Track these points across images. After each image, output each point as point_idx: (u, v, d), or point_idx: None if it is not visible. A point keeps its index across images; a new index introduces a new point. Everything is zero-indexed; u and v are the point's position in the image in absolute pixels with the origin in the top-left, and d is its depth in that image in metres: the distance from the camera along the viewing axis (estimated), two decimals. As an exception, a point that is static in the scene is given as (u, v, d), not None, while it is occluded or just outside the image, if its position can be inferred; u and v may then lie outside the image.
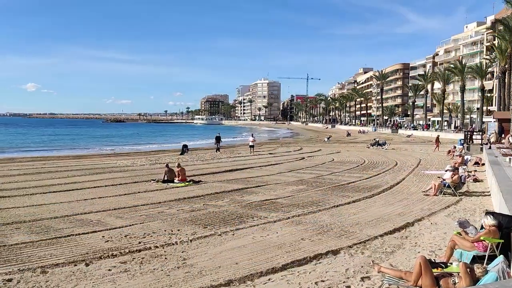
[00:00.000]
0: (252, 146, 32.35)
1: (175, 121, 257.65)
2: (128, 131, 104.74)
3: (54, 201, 12.36)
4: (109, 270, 6.45)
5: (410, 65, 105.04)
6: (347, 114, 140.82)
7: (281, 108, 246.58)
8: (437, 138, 35.22)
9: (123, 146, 50.25)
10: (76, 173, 19.55)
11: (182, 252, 7.35)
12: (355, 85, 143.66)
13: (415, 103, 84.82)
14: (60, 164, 24.15)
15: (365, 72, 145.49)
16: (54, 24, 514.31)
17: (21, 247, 7.61)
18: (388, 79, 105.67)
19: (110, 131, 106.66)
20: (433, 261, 6.00)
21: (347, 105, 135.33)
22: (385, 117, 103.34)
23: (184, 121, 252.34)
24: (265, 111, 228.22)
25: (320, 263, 6.79)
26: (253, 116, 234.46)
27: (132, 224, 9.35)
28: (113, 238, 8.20)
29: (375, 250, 7.45)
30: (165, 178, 15.99)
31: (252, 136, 34.59)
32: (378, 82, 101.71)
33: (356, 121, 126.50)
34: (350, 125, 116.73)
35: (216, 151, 32.88)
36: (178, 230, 8.84)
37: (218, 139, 33.83)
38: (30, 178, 17.75)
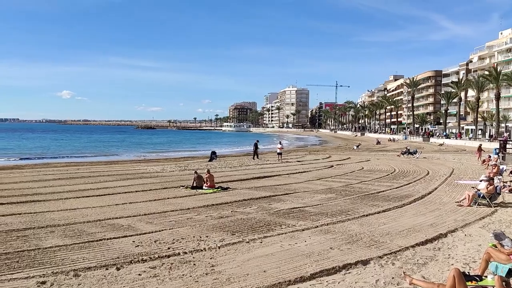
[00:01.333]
0: (280, 154, 32.27)
1: (204, 128, 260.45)
2: (159, 138, 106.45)
3: (87, 205, 12.67)
4: (139, 274, 6.54)
5: (443, 72, 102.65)
6: (376, 122, 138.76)
7: (309, 116, 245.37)
8: (479, 147, 33.62)
9: (153, 152, 51.09)
10: (108, 178, 19.99)
11: (211, 258, 7.39)
12: (385, 93, 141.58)
13: (448, 111, 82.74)
14: (93, 170, 24.77)
15: (395, 80, 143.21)
16: (88, 34, 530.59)
17: (55, 250, 7.82)
18: (419, 86, 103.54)
19: (142, 137, 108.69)
20: (467, 274, 5.82)
21: (377, 113, 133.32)
22: (416, 125, 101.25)
23: (212, 128, 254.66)
24: (293, 119, 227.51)
25: (349, 273, 6.69)
26: (281, 124, 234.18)
27: (162, 230, 9.47)
28: (143, 243, 8.32)
29: (406, 261, 7.28)
30: (194, 184, 16.15)
31: (280, 143, 34.54)
32: (409, 89, 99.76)
33: (386, 129, 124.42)
34: (379, 133, 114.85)
35: (254, 157, 32.91)
36: (207, 236, 8.90)
37: (256, 146, 33.82)
38: (64, 183, 18.27)
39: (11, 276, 6.37)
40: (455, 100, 79.16)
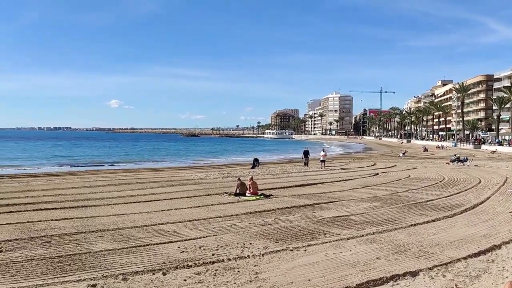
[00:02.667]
0: (323, 161, 31.93)
1: (246, 135, 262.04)
2: (203, 145, 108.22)
3: (134, 211, 13.04)
4: (185, 280, 6.63)
5: (494, 77, 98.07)
6: (423, 128, 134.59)
7: (353, 122, 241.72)
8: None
9: (197, 159, 51.99)
10: (154, 185, 20.51)
11: (254, 266, 7.38)
12: (433, 98, 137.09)
13: (500, 117, 78.96)
14: (140, 176, 25.50)
15: (443, 85, 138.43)
16: (136, 45, 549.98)
17: (104, 254, 8.08)
18: (469, 91, 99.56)
19: (186, 145, 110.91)
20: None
21: (424, 119, 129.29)
22: (466, 132, 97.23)
23: (254, 135, 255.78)
24: (336, 125, 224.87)
25: (397, 284, 6.48)
26: (323, 131, 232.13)
27: (206, 236, 9.58)
28: (188, 249, 8.44)
29: (458, 273, 6.97)
30: (237, 191, 16.26)
31: (323, 150, 34.20)
32: (458, 94, 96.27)
33: (434, 135, 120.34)
34: (427, 140, 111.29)
35: (304, 165, 32.80)
36: (250, 243, 8.91)
37: (306, 154, 33.61)
38: (113, 189, 18.91)
39: (64, 279, 6.63)
40: (508, 106, 75.50)
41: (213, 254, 8.07)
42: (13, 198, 15.80)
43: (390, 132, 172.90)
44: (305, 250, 8.38)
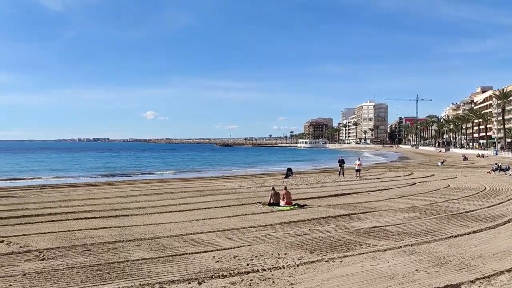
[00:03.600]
0: (358, 170, 31.43)
1: (279, 145, 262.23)
2: (236, 155, 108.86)
3: (170, 220, 13.23)
4: (220, 290, 6.64)
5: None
6: (463, 136, 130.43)
7: (388, 131, 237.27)
8: None
9: (231, 169, 52.33)
10: (188, 194, 20.76)
11: (289, 276, 7.32)
12: (472, 106, 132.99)
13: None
14: (175, 186, 25.90)
15: (483, 91, 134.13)
16: (170, 58, 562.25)
17: (141, 262, 8.22)
18: (510, 98, 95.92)
19: (220, 155, 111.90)
20: None
21: (463, 127, 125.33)
22: (508, 140, 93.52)
23: (288, 145, 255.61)
24: (371, 134, 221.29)
25: (437, 298, 6.26)
26: (358, 140, 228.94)
27: (240, 246, 9.58)
28: (223, 259, 8.47)
29: (501, 286, 6.66)
30: (271, 201, 16.22)
31: (358, 159, 33.65)
32: (499, 101, 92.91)
33: (474, 144, 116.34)
34: (466, 148, 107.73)
35: (339, 174, 32.46)
36: (285, 254, 8.85)
37: (341, 163, 33.23)
38: (149, 198, 19.27)
39: (103, 287, 6.78)
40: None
41: (247, 264, 8.06)
42: (55, 207, 16.36)
43: (427, 141, 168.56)
44: (341, 261, 8.24)
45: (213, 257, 8.63)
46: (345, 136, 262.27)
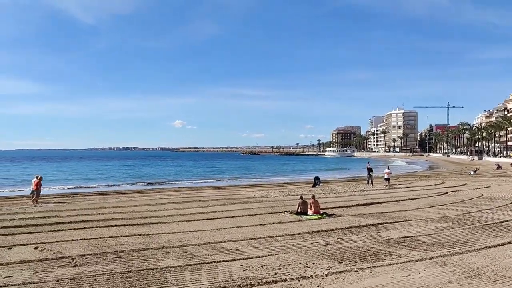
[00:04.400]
0: (387, 179, 30.91)
1: (306, 153, 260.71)
2: (263, 163, 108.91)
3: (198, 228, 13.33)
4: (248, 298, 6.63)
5: None
6: (496, 144, 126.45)
7: (418, 139, 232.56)
8: None
9: (257, 178, 52.37)
10: (216, 202, 20.88)
11: (318, 286, 7.23)
12: (505, 113, 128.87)
13: None
14: (203, 194, 26.10)
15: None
16: (197, 68, 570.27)
17: (170, 270, 8.30)
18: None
19: (247, 163, 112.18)
20: None
21: (496, 135, 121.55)
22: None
23: (315, 153, 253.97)
24: (400, 142, 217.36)
25: (472, 311, 6.06)
26: (387, 148, 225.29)
27: (268, 255, 9.55)
28: (250, 267, 8.45)
29: (541, 302, 6.39)
30: (299, 210, 16.12)
31: (387, 168, 33.10)
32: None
33: (508, 152, 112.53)
34: (500, 156, 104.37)
35: (368, 183, 32.10)
36: (313, 263, 8.76)
37: (369, 171, 32.76)
38: (177, 206, 19.48)
39: (133, 293, 6.88)
40: None
41: (275, 273, 8.02)
42: (86, 215, 16.76)
43: (459, 149, 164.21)
44: (370, 272, 8.09)
45: (241, 265, 8.63)
46: (374, 144, 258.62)
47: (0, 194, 29.92)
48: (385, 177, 31.26)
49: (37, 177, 22.35)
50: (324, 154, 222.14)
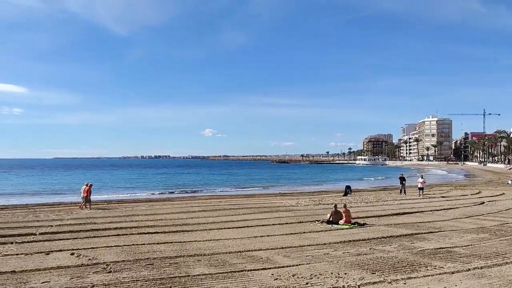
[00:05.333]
0: (421, 188, 30.18)
1: (337, 162, 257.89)
2: (293, 172, 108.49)
3: (228, 236, 13.38)
4: (279, 308, 6.59)
5: None
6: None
7: (452, 147, 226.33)
8: None
9: (287, 186, 52.18)
10: (246, 211, 20.92)
11: (350, 297, 7.13)
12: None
13: None
14: (233, 202, 26.21)
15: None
16: (227, 77, 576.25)
17: (202, 278, 8.36)
18: None
19: (276, 171, 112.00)
20: None
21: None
22: None
23: (345, 161, 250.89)
24: (434, 151, 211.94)
25: (513, 326, 5.82)
26: (420, 156, 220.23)
27: (299, 264, 9.48)
28: (281, 277, 8.41)
29: None
30: (330, 219, 15.95)
31: (421, 177, 32.33)
32: None
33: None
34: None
35: (400, 192, 31.50)
36: (345, 273, 8.64)
37: (402, 180, 32.13)
38: (208, 214, 19.63)
39: (166, 300, 6.97)
40: None
41: (306, 283, 7.95)
42: (120, 222, 17.13)
43: (496, 158, 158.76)
44: (404, 283, 7.91)
45: (272, 274, 8.60)
46: (406, 153, 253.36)
47: (39, 201, 30.97)
48: (419, 186, 30.53)
49: (87, 185, 23.76)
50: (355, 163, 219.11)
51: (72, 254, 10.74)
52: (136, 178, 78.71)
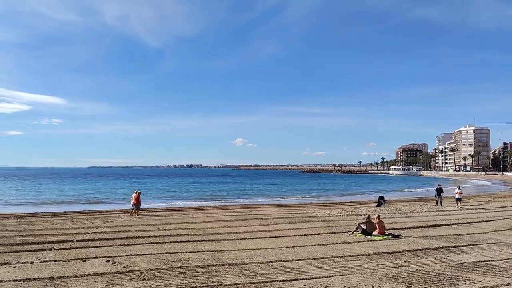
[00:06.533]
0: (458, 200, 29.24)
1: (369, 171, 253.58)
2: (325, 182, 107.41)
3: (260, 246, 13.35)
4: (312, 320, 6.52)
5: None
6: None
7: (491, 157, 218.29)
8: None
9: (319, 196, 51.66)
10: (277, 221, 20.83)
11: (385, 310, 6.96)
12: None
13: None
14: (264, 212, 26.16)
15: None
16: (258, 87, 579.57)
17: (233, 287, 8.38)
18: None
19: (308, 181, 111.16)
20: None
21: None
22: None
23: (378, 171, 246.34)
24: (471, 161, 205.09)
25: None
26: (456, 166, 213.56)
27: (332, 275, 9.35)
28: (314, 288, 8.32)
29: None
30: (364, 230, 15.67)
31: (458, 188, 31.34)
32: None
33: None
34: None
35: (437, 203, 30.72)
36: (379, 286, 8.45)
37: (439, 191, 31.27)
38: (239, 224, 19.66)
39: (198, 308, 7.01)
40: None
41: (340, 295, 7.83)
42: (153, 230, 17.40)
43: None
44: (441, 298, 7.66)
45: (304, 285, 8.52)
46: (442, 163, 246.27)
47: (76, 209, 31.89)
48: (456, 197, 29.60)
49: (136, 192, 25.19)
50: (388, 173, 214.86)
51: (108, 261, 10.98)
52: (169, 187, 79.88)
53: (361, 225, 16.00)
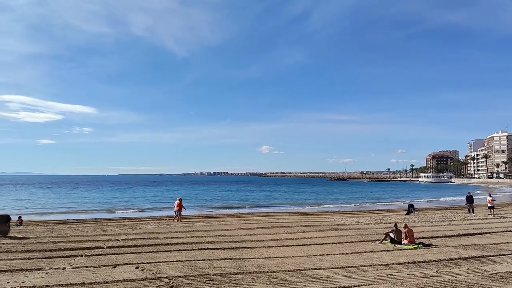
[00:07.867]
0: (491, 207, 28.35)
1: (398, 179, 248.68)
2: (353, 190, 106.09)
3: (287, 254, 13.29)
4: (341, 329, 6.43)
5: None
6: None
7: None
8: None
9: (346, 204, 51.05)
10: (304, 229, 20.68)
11: (416, 321, 6.81)
12: None
13: None
14: (291, 220, 26.03)
15: None
16: (284, 94, 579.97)
17: (261, 295, 8.36)
18: None
19: (335, 189, 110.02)
20: None
21: None
22: None
23: (408, 179, 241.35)
24: (505, 168, 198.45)
25: None
26: (489, 173, 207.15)
27: (361, 285, 9.21)
28: (342, 297, 8.22)
29: None
30: (393, 239, 15.38)
31: (489, 195, 30.41)
32: None
33: None
34: None
35: (468, 212, 29.96)
36: (410, 296, 8.27)
37: (470, 199, 30.58)
38: (266, 231, 19.63)
39: (226, 316, 7.02)
40: None
41: (369, 305, 7.70)
42: (181, 237, 17.57)
43: None
44: (475, 309, 7.43)
45: (332, 294, 8.42)
46: (474, 170, 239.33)
47: (106, 216, 32.55)
48: (489, 205, 28.72)
49: (179, 199, 26.39)
50: (417, 180, 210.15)
51: (137, 267, 11.15)
52: (197, 194, 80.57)
53: (390, 234, 15.73)
